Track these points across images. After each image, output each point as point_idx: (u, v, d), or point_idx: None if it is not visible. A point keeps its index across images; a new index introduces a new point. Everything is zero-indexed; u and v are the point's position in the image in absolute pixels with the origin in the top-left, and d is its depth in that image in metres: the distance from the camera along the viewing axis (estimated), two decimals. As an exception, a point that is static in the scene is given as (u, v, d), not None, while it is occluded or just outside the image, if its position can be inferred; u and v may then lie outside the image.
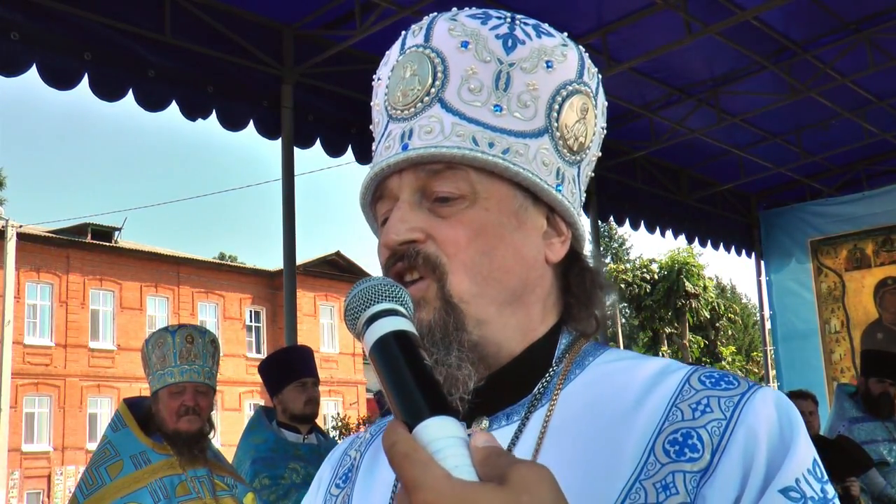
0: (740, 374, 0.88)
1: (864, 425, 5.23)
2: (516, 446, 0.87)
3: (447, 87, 0.92)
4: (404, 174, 0.92)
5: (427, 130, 0.91)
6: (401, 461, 0.61)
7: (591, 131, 0.99)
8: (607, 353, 0.94)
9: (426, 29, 0.96)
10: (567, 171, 0.96)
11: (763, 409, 0.81)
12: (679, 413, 0.82)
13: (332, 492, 1.01)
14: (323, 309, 32.55)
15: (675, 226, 8.93)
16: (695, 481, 0.78)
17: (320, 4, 5.53)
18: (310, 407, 4.11)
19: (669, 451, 0.80)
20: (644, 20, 5.89)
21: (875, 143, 8.45)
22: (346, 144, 6.03)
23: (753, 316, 45.67)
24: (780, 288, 9.59)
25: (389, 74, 0.98)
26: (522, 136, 0.92)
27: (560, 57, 0.94)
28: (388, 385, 0.68)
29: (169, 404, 3.20)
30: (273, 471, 3.71)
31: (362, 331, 0.73)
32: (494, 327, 0.89)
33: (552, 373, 0.92)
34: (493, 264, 0.89)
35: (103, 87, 4.82)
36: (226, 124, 5.46)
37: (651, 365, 0.89)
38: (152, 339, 3.32)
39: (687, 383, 0.85)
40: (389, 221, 0.91)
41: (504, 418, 0.90)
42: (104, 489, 3.05)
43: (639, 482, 0.79)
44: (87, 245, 27.39)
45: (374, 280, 0.77)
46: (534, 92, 0.92)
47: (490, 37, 0.93)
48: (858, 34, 6.46)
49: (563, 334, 0.95)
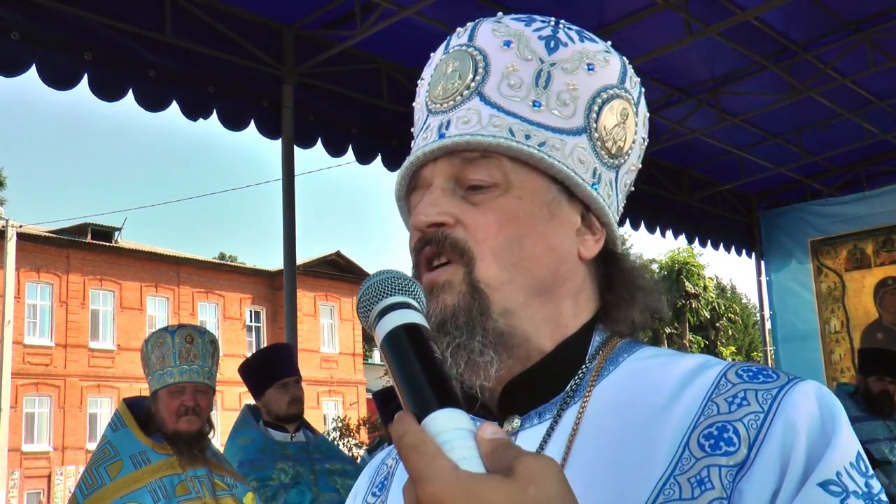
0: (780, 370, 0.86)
1: (864, 424, 5.21)
2: (548, 445, 0.86)
3: (487, 82, 0.93)
4: (439, 162, 0.92)
5: (464, 121, 0.92)
6: (408, 452, 0.61)
7: (631, 138, 0.99)
8: (643, 350, 0.93)
9: (471, 30, 0.98)
10: (605, 173, 0.96)
11: (803, 402, 0.79)
12: (715, 407, 0.81)
13: (369, 500, 1.01)
14: (323, 309, 32.55)
15: (676, 226, 8.93)
16: (731, 475, 0.76)
17: (321, 4, 5.52)
18: (294, 407, 4.07)
19: (704, 446, 0.78)
20: (644, 20, 5.89)
21: (875, 144, 8.45)
22: (347, 144, 6.02)
23: (753, 316, 45.67)
24: (780, 288, 9.58)
25: (432, 73, 0.99)
26: (560, 133, 0.92)
27: (602, 62, 0.95)
28: (398, 377, 0.68)
29: (168, 404, 3.20)
30: (261, 472, 3.70)
31: (374, 323, 0.73)
32: (521, 317, 0.89)
33: (584, 370, 0.91)
34: (522, 252, 0.89)
35: (103, 88, 4.82)
36: (226, 124, 5.46)
37: (688, 361, 0.88)
38: (152, 339, 3.32)
39: (724, 377, 0.83)
40: (420, 204, 0.91)
41: (536, 417, 0.89)
42: (104, 489, 3.05)
43: (673, 477, 0.78)
44: (87, 245, 27.40)
45: (387, 273, 0.77)
46: (573, 91, 0.93)
47: (533, 37, 0.94)
48: (859, 34, 6.46)
49: (596, 332, 0.94)
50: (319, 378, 30.94)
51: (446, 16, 5.48)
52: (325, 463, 4.07)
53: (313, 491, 3.89)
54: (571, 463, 0.83)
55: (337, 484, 3.97)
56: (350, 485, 4.17)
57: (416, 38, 5.68)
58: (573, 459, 0.83)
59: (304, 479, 3.92)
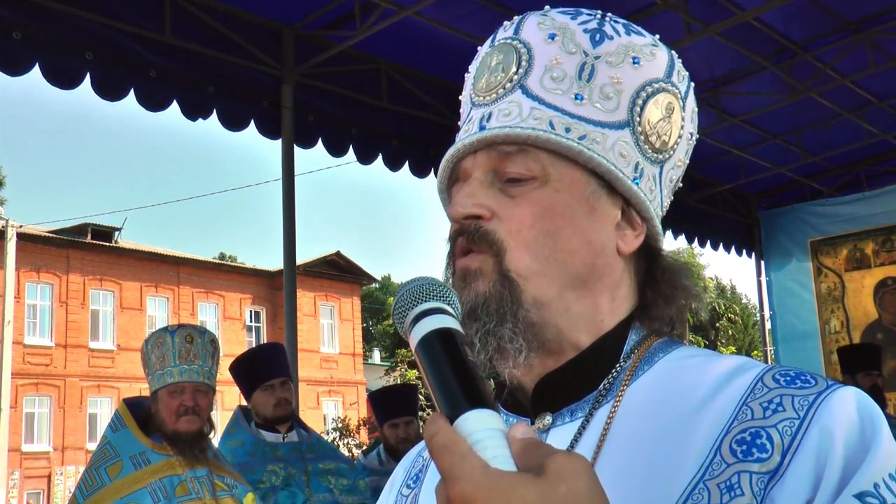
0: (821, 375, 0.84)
1: None
2: (579, 443, 0.86)
3: (530, 75, 0.93)
4: (478, 154, 0.92)
5: (505, 113, 0.92)
6: (439, 452, 0.61)
7: (677, 133, 0.97)
8: (679, 349, 0.92)
9: (517, 23, 0.97)
10: (648, 168, 0.95)
11: (841, 409, 0.76)
12: (749, 412, 0.79)
13: (403, 492, 1.02)
14: (323, 309, 32.55)
15: (675, 226, 8.93)
16: (762, 483, 0.74)
17: (320, 5, 5.53)
18: (280, 409, 4.01)
19: (736, 451, 0.76)
20: (644, 20, 5.89)
21: (875, 144, 8.45)
22: (347, 144, 6.02)
23: (753, 316, 45.65)
24: (780, 288, 9.59)
25: (477, 66, 0.99)
26: (601, 126, 0.91)
27: (648, 55, 0.94)
28: (431, 380, 0.69)
29: (168, 404, 3.20)
30: (250, 475, 3.66)
31: (409, 329, 0.74)
32: (555, 310, 0.88)
33: (619, 368, 0.90)
34: (557, 245, 0.88)
35: (104, 87, 4.83)
36: (226, 124, 5.46)
37: (725, 362, 0.86)
38: (152, 339, 3.31)
39: (760, 381, 0.81)
40: (457, 196, 0.91)
41: (568, 415, 0.89)
42: (104, 490, 3.05)
43: (702, 482, 0.76)
44: (87, 245, 27.39)
45: (423, 279, 0.77)
46: (617, 85, 0.92)
47: (578, 30, 0.94)
48: (858, 34, 6.46)
49: (633, 329, 0.93)
50: (319, 378, 30.94)
51: (446, 16, 5.48)
52: (318, 463, 4.02)
53: (305, 492, 3.87)
54: (601, 463, 0.82)
55: (330, 484, 3.94)
56: (344, 484, 4.14)
57: (415, 38, 5.69)
58: (603, 459, 0.83)
59: (296, 480, 3.90)
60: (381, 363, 40.95)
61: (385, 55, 6.02)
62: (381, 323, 51.11)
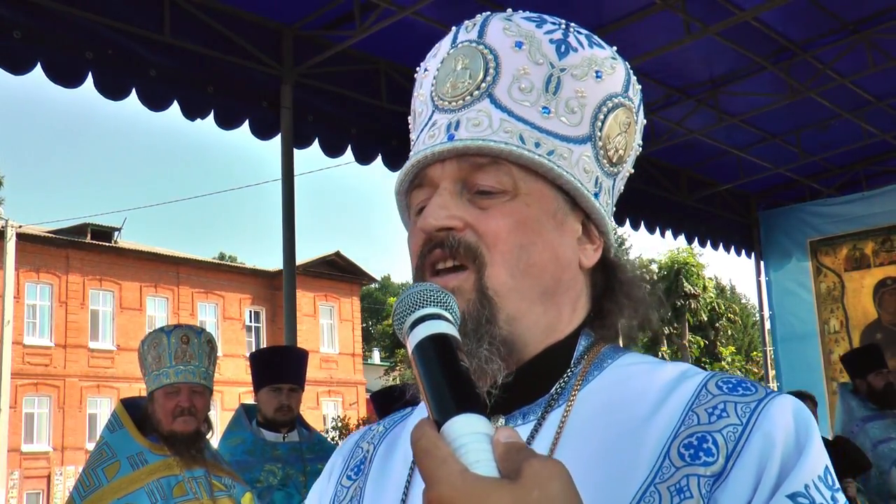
0: (759, 382, 0.87)
1: (876, 423, 5.19)
2: (531, 446, 0.86)
3: (498, 84, 0.93)
4: (447, 164, 0.92)
5: (475, 123, 0.92)
6: (422, 457, 0.63)
7: (632, 146, 1.00)
8: (626, 356, 0.94)
9: (480, 25, 0.97)
10: (604, 182, 0.97)
11: (780, 416, 0.80)
12: (695, 417, 0.82)
13: (344, 483, 1.02)
14: (323, 309, 32.54)
15: (675, 226, 8.93)
16: (708, 485, 0.78)
17: (320, 5, 5.53)
18: (281, 414, 4.03)
19: (684, 455, 0.80)
20: (643, 20, 5.89)
21: (874, 144, 8.45)
22: (346, 144, 6.03)
23: (753, 316, 45.66)
24: (779, 288, 9.59)
25: (438, 66, 0.98)
26: (567, 141, 0.93)
27: (609, 69, 0.96)
28: (423, 384, 0.70)
29: (164, 405, 3.19)
30: (248, 474, 3.67)
31: (407, 333, 0.75)
32: (525, 324, 0.89)
33: (570, 374, 0.91)
34: (530, 259, 0.89)
35: (106, 87, 4.84)
36: (225, 124, 5.47)
37: (669, 370, 0.89)
38: (148, 339, 3.31)
39: (704, 388, 0.85)
40: (429, 207, 0.91)
41: (520, 417, 0.90)
42: (101, 490, 3.04)
43: (653, 486, 0.79)
44: (87, 245, 27.37)
45: (422, 285, 0.78)
46: (582, 99, 0.93)
47: (544, 40, 0.94)
48: (858, 35, 6.46)
49: (582, 336, 0.95)
50: (319, 378, 30.92)
51: (445, 16, 5.48)
52: (317, 463, 4.02)
53: (302, 493, 3.87)
54: None
55: None
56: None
57: (414, 38, 5.69)
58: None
59: (294, 480, 3.90)
60: (380, 363, 40.95)
61: (384, 55, 6.02)
62: (380, 323, 51.09)
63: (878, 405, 5.30)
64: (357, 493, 0.99)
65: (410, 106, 1.06)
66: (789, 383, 8.94)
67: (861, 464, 4.74)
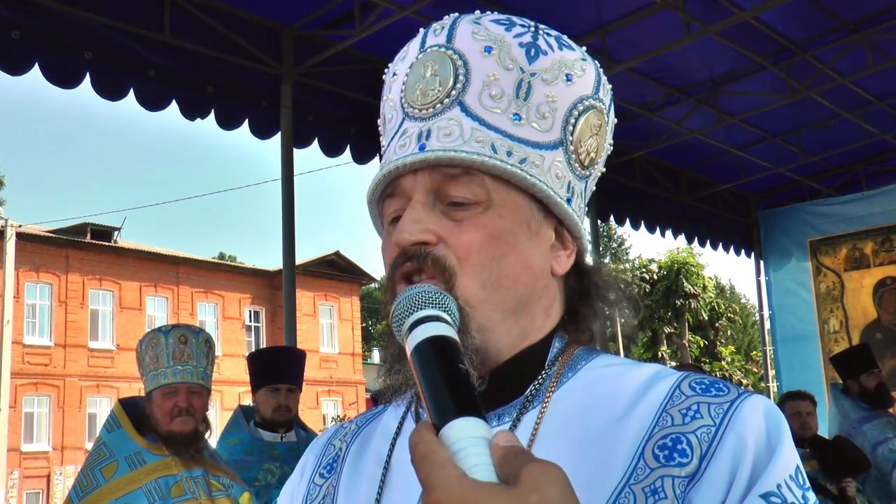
0: (730, 382, 0.88)
1: (872, 424, 5.18)
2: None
3: (468, 91, 0.92)
4: (419, 175, 0.91)
5: (446, 133, 0.90)
6: (420, 461, 0.63)
7: (603, 147, 1.00)
8: (599, 357, 0.94)
9: (448, 29, 0.96)
10: (576, 185, 0.97)
11: (752, 417, 0.81)
12: (669, 418, 0.83)
13: (316, 481, 1.01)
14: (322, 309, 32.54)
15: (675, 226, 8.93)
16: (683, 486, 0.78)
17: (320, 4, 5.53)
18: (279, 414, 4.04)
19: (659, 456, 0.80)
20: (643, 20, 5.89)
21: (874, 144, 8.46)
22: (345, 144, 6.03)
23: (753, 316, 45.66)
24: (779, 288, 9.59)
25: (407, 71, 0.97)
26: (539, 148, 0.92)
27: (579, 71, 0.95)
28: (422, 387, 0.70)
29: (162, 405, 3.19)
30: (246, 473, 3.67)
31: (405, 336, 0.74)
32: (497, 334, 0.89)
33: (544, 376, 0.92)
34: (502, 271, 0.89)
35: (104, 87, 4.84)
36: (225, 124, 5.47)
37: (643, 371, 0.90)
38: (146, 339, 3.30)
39: (678, 389, 0.85)
40: (402, 221, 0.90)
41: (495, 419, 0.90)
42: (99, 491, 3.04)
43: (628, 486, 0.80)
44: (87, 245, 27.37)
45: (420, 287, 0.78)
46: (552, 104, 0.93)
47: (514, 44, 0.93)
48: (857, 34, 6.46)
49: (556, 338, 0.95)
50: (319, 378, 30.92)
51: (445, 16, 5.48)
52: None
53: None
54: None
55: None
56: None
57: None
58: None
59: None
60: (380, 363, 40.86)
61: (384, 55, 6.01)
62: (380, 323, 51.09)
63: (870, 405, 5.30)
64: (330, 492, 0.98)
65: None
66: (789, 383, 8.93)
67: (860, 464, 4.74)
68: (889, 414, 5.32)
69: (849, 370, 5.50)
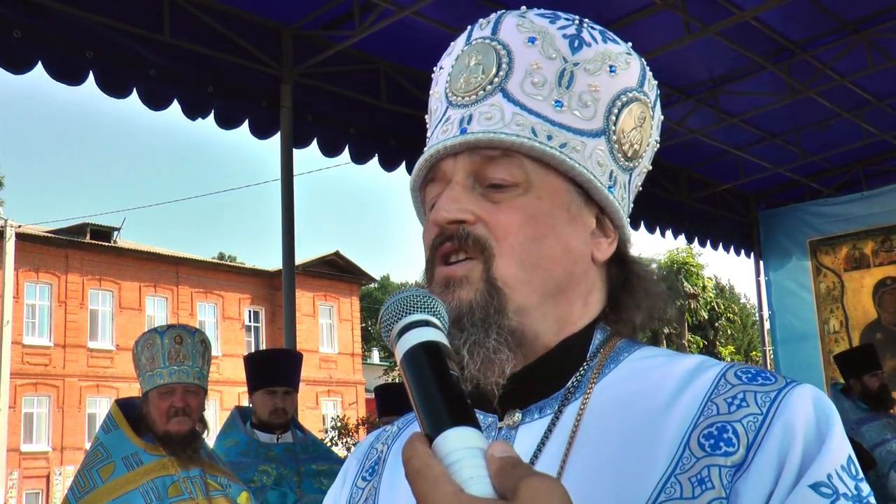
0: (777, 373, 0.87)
1: (871, 425, 5.17)
2: (549, 440, 0.87)
3: (511, 79, 0.93)
4: (459, 157, 0.92)
5: (487, 117, 0.92)
6: (413, 477, 0.62)
7: (647, 141, 1.01)
8: (642, 349, 0.94)
9: (494, 23, 0.97)
10: (620, 176, 0.97)
11: (800, 405, 0.80)
12: (714, 407, 0.82)
13: (359, 484, 1.02)
14: (322, 309, 32.54)
15: (675, 226, 8.93)
16: (730, 475, 0.77)
17: (320, 4, 5.52)
18: (275, 416, 4.04)
19: (704, 445, 0.79)
20: (643, 20, 5.89)
21: (874, 144, 8.45)
22: (344, 144, 6.02)
23: (752, 316, 45.67)
24: (779, 288, 9.59)
25: (453, 63, 0.99)
26: (580, 134, 0.93)
27: (623, 64, 0.96)
28: (414, 396, 0.68)
29: (158, 405, 3.18)
30: (242, 474, 3.67)
31: (395, 341, 0.73)
32: (534, 316, 0.89)
33: (586, 367, 0.91)
34: (541, 252, 0.89)
35: (106, 86, 4.84)
36: (225, 124, 5.46)
37: (687, 361, 0.89)
38: (142, 339, 3.30)
39: (723, 378, 0.84)
40: (440, 200, 0.91)
41: (537, 411, 0.90)
42: (96, 491, 3.03)
43: (674, 476, 0.78)
44: (86, 245, 27.37)
45: (409, 291, 0.77)
46: (595, 93, 0.93)
47: (557, 35, 0.94)
48: (857, 34, 6.46)
49: (598, 330, 0.94)
50: (318, 378, 30.93)
51: (445, 16, 5.48)
52: (311, 464, 4.05)
53: (296, 492, 3.89)
54: (573, 459, 0.83)
55: (322, 485, 3.94)
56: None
57: (414, 38, 5.68)
58: (574, 456, 0.83)
59: (288, 480, 3.92)
60: (379, 363, 40.94)
61: (384, 55, 6.02)
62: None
63: (870, 406, 5.29)
64: (372, 494, 0.98)
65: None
66: (789, 383, 8.92)
67: (865, 462, 4.74)
68: (889, 415, 5.31)
69: (852, 370, 5.49)
